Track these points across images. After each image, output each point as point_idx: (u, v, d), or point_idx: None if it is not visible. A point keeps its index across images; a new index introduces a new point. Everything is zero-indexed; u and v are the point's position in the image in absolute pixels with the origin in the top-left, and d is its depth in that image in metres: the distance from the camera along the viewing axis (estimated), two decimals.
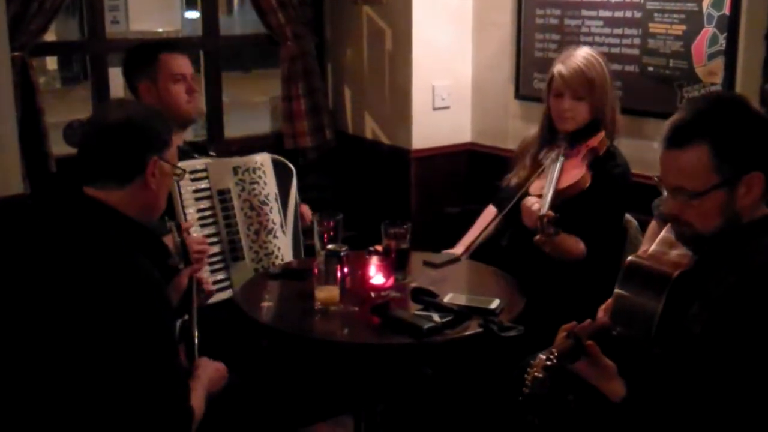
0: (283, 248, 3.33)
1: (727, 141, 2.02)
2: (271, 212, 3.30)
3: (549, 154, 3.22)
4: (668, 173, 2.09)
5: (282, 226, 3.34)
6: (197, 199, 3.17)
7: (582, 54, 3.16)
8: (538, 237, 2.91)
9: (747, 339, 1.91)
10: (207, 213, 3.19)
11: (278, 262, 3.26)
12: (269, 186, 3.32)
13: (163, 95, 3.24)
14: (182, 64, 3.31)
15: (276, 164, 3.40)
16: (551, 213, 2.87)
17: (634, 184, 3.18)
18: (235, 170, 3.26)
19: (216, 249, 3.17)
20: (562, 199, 3.04)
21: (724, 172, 2.02)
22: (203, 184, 3.18)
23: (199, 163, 3.20)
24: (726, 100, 2.15)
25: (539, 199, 3.04)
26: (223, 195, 3.22)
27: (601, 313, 2.56)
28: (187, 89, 3.29)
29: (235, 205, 3.23)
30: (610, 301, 2.45)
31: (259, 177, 3.29)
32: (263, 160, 3.34)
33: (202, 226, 3.12)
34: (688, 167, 2.04)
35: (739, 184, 2.02)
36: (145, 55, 3.30)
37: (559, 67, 3.16)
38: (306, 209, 3.55)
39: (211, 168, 3.21)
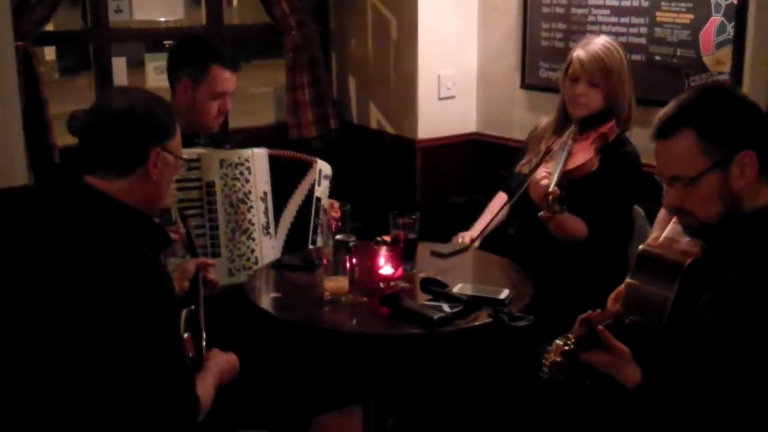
0: (262, 252, 3.19)
1: (711, 122, 2.06)
2: (249, 212, 3.17)
3: (559, 138, 3.23)
4: (662, 164, 2.13)
5: (266, 228, 3.22)
6: (188, 189, 3.10)
7: (602, 42, 3.19)
8: (542, 213, 2.95)
9: (760, 326, 1.92)
10: (196, 204, 3.12)
11: (251, 265, 3.15)
12: (253, 183, 3.19)
13: (198, 104, 3.18)
14: (228, 82, 3.24)
15: (276, 161, 3.27)
16: (557, 190, 2.92)
17: (643, 174, 3.18)
18: (221, 163, 3.15)
19: (201, 242, 3.10)
20: (568, 179, 3.07)
21: (713, 154, 2.05)
22: (194, 174, 3.10)
23: (193, 152, 3.11)
24: (707, 88, 2.19)
25: (548, 174, 3.05)
26: (210, 188, 3.13)
27: (611, 302, 2.56)
28: (220, 107, 3.23)
29: (218, 199, 3.14)
30: (620, 289, 2.46)
31: (241, 173, 3.16)
32: (253, 155, 3.21)
33: (191, 216, 3.07)
34: (677, 154, 2.08)
35: (732, 164, 2.04)
36: (197, 58, 3.22)
37: (578, 52, 3.18)
38: (333, 208, 3.33)
39: (204, 158, 3.13)
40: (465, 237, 3.36)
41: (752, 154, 2.04)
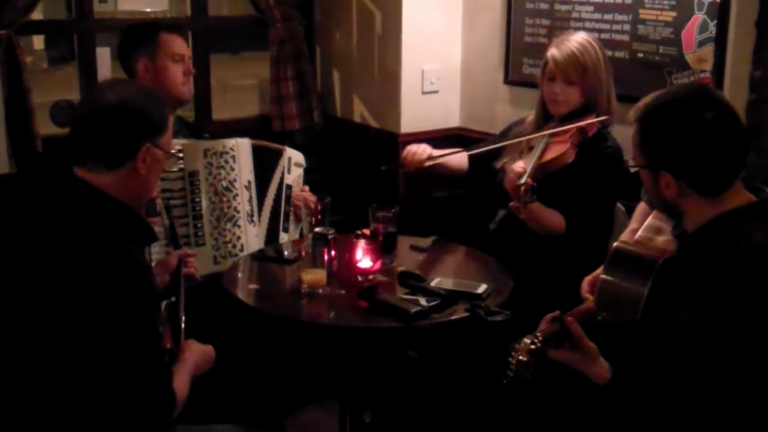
0: (247, 239, 3.22)
1: (649, 133, 2.12)
2: (234, 199, 3.20)
3: (538, 133, 3.25)
4: None
5: (251, 216, 3.25)
6: (170, 180, 3.11)
7: (577, 39, 3.19)
8: (512, 203, 2.98)
9: (731, 324, 1.93)
10: (178, 194, 3.13)
11: (237, 252, 3.18)
12: (238, 172, 3.22)
13: (161, 74, 3.19)
14: (181, 45, 3.28)
15: (257, 150, 3.32)
16: (529, 181, 2.93)
17: (625, 170, 3.19)
18: (205, 153, 3.18)
19: (183, 231, 3.13)
20: (544, 172, 3.10)
21: (644, 158, 2.14)
22: (176, 165, 3.11)
23: (176, 143, 3.07)
24: (683, 97, 2.15)
25: (524, 164, 3.07)
26: (193, 177, 3.15)
27: (586, 285, 2.58)
28: (184, 71, 3.25)
29: (201, 188, 3.16)
30: (596, 273, 2.48)
31: (226, 162, 3.20)
32: (237, 144, 3.25)
33: (174, 206, 3.08)
34: (632, 139, 2.18)
35: (659, 175, 2.10)
36: (144, 33, 3.26)
37: (552, 51, 3.20)
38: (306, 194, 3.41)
39: (186, 149, 3.15)
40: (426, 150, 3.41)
41: (670, 179, 2.07)
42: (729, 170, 2.07)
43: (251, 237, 3.23)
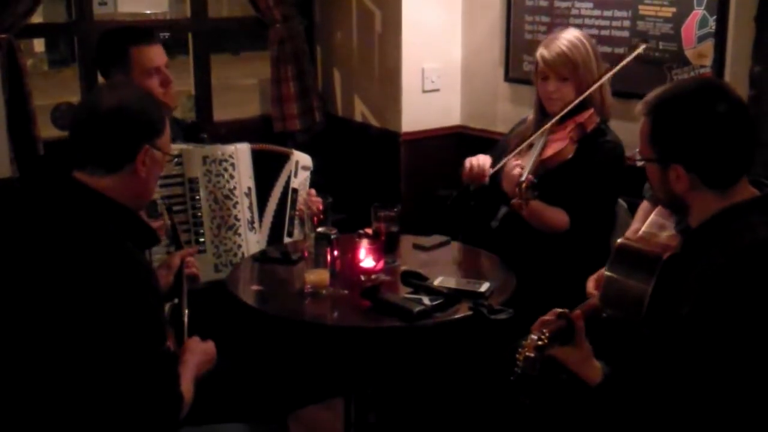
0: (247, 247, 3.19)
1: (661, 125, 2.11)
2: (235, 207, 3.17)
3: (537, 132, 3.24)
4: None
5: (251, 223, 3.23)
6: (170, 185, 3.09)
7: (566, 36, 3.19)
8: (514, 201, 2.96)
9: (734, 319, 1.93)
10: (179, 200, 3.11)
11: (238, 261, 3.15)
12: (237, 180, 3.19)
13: None
14: (154, 55, 3.20)
15: (260, 155, 3.28)
16: (530, 177, 2.93)
17: (626, 166, 3.19)
18: (204, 160, 3.14)
19: (185, 237, 3.11)
20: (544, 169, 3.09)
21: (655, 151, 2.13)
22: (176, 171, 3.09)
23: (175, 148, 3.04)
24: (696, 89, 2.14)
25: (521, 163, 3.06)
26: (192, 184, 3.13)
27: (591, 283, 2.57)
28: (161, 81, 3.19)
29: (201, 195, 3.13)
30: (600, 272, 2.47)
31: (225, 169, 3.16)
32: (236, 151, 3.21)
33: (174, 212, 3.06)
34: (641, 132, 2.17)
35: (669, 168, 2.09)
36: (114, 50, 3.20)
37: (542, 51, 3.21)
38: (312, 198, 3.36)
39: (186, 155, 3.12)
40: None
41: (683, 172, 2.07)
42: (740, 163, 2.07)
43: (252, 244, 3.21)
